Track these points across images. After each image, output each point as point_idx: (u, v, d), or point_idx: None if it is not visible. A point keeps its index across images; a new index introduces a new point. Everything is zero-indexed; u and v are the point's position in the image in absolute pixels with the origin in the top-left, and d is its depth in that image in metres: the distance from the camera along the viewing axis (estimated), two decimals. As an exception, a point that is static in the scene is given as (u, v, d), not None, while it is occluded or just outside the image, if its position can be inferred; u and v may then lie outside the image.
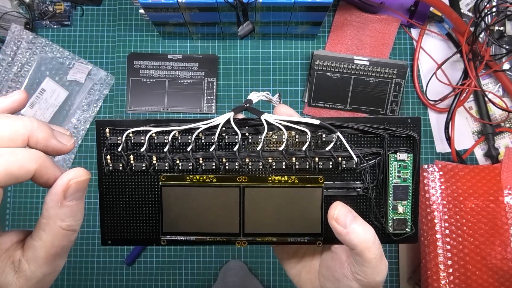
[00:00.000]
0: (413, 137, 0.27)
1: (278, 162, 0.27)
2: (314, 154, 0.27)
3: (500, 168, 0.50)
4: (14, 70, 0.58)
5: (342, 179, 0.27)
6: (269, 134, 0.27)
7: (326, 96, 0.58)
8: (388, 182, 0.27)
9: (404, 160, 0.27)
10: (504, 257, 0.48)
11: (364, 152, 0.27)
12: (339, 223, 0.25)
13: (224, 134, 0.27)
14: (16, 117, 0.20)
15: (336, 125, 0.27)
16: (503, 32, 0.55)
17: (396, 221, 0.27)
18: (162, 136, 0.26)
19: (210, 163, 0.27)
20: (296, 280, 0.31)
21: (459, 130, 0.58)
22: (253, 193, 0.27)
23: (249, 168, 0.27)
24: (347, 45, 0.59)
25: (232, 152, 0.27)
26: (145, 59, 0.60)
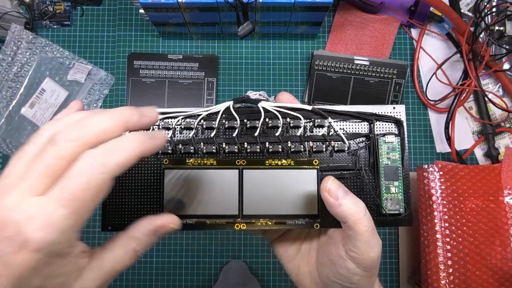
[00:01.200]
0: (400, 121, 0.29)
1: (275, 146, 0.28)
2: (308, 139, 0.29)
3: (500, 168, 0.50)
4: (14, 70, 0.58)
5: (336, 162, 0.29)
6: (266, 120, 0.28)
7: (326, 96, 0.58)
8: (379, 163, 0.29)
9: (392, 141, 0.29)
10: (504, 257, 0.48)
11: (355, 137, 0.29)
12: (331, 195, 0.26)
13: (224, 120, 0.28)
14: (112, 110, 0.22)
15: (328, 111, 0.28)
16: (503, 32, 0.55)
17: (389, 201, 0.29)
18: (166, 121, 0.28)
19: (211, 146, 0.28)
20: (294, 274, 0.31)
21: (459, 130, 0.58)
22: (252, 175, 0.28)
23: (247, 152, 0.28)
24: (347, 45, 0.59)
25: (232, 137, 0.28)
26: (145, 59, 0.60)
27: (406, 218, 0.29)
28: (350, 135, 0.29)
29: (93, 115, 0.22)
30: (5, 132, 0.58)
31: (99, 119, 0.21)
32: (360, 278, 0.27)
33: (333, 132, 0.29)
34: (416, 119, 0.59)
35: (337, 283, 0.28)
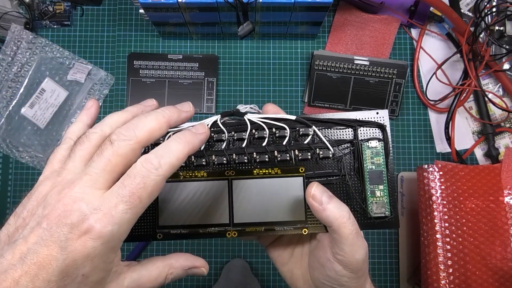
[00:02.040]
0: (382, 126, 0.29)
1: (262, 155, 0.29)
2: (293, 147, 0.29)
3: (500, 168, 0.50)
4: (14, 70, 0.58)
5: (322, 169, 0.30)
6: (252, 131, 0.29)
7: (326, 96, 0.58)
8: (364, 168, 0.29)
9: (375, 146, 0.30)
10: (504, 257, 0.48)
11: (339, 143, 0.30)
12: (315, 201, 0.27)
13: (212, 134, 0.29)
14: (156, 112, 0.24)
15: (312, 120, 0.29)
16: (503, 32, 0.55)
17: (375, 205, 0.29)
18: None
19: (201, 159, 0.29)
20: (289, 277, 0.32)
21: (459, 130, 0.58)
22: (241, 184, 0.29)
23: (236, 162, 0.29)
24: (347, 45, 0.59)
25: (220, 150, 0.29)
26: (145, 59, 0.60)
27: (392, 220, 0.30)
28: (334, 141, 0.30)
29: (141, 117, 0.24)
30: (5, 132, 0.58)
31: (147, 121, 0.23)
32: (348, 280, 0.27)
33: (318, 140, 0.30)
34: (416, 119, 0.59)
35: (327, 285, 0.29)
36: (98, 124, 0.25)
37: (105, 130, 0.24)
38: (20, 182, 0.59)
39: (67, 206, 0.21)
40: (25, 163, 0.59)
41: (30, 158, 0.58)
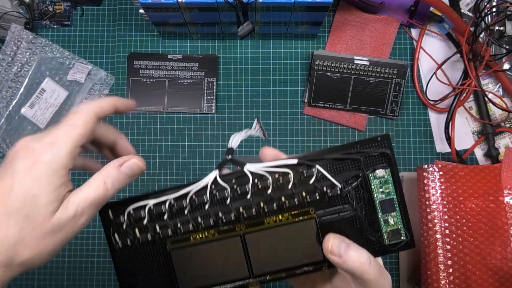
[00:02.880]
0: (386, 153, 0.29)
1: (269, 204, 0.28)
2: (300, 190, 0.29)
3: (500, 168, 0.50)
4: (14, 70, 0.58)
5: (332, 205, 0.29)
6: (255, 181, 0.28)
7: (326, 96, 0.58)
8: (374, 199, 0.29)
9: (383, 176, 0.29)
10: (504, 257, 0.48)
11: (346, 177, 0.29)
12: (334, 254, 0.27)
13: (214, 191, 0.28)
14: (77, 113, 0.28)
15: (314, 159, 0.29)
16: (503, 32, 0.55)
17: (390, 232, 0.29)
18: (159, 206, 0.28)
19: (208, 220, 0.28)
20: None
21: (459, 130, 0.58)
22: (254, 238, 0.29)
23: (244, 216, 0.29)
24: (347, 45, 0.59)
25: (226, 205, 0.28)
26: (145, 59, 0.60)
27: (408, 242, 0.29)
28: (340, 177, 0.29)
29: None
30: (5, 132, 0.58)
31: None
32: None
33: (322, 178, 0.29)
34: (416, 119, 0.59)
35: None
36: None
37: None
38: (20, 182, 0.59)
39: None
40: (25, 163, 0.59)
41: (30, 158, 0.58)
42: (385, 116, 0.59)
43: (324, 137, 0.59)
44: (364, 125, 0.59)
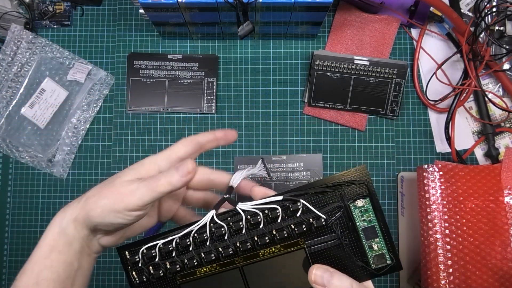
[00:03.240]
0: (362, 182, 0.31)
1: (262, 237, 0.32)
2: (289, 223, 0.32)
3: (500, 168, 0.50)
4: (14, 70, 0.58)
5: (319, 235, 0.32)
6: (248, 218, 0.32)
7: (326, 96, 0.58)
8: (357, 227, 0.31)
9: (362, 205, 0.31)
10: (504, 257, 0.48)
11: (329, 209, 0.31)
12: (318, 284, 0.29)
13: (213, 228, 0.32)
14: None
15: (297, 194, 0.31)
16: (503, 32, 0.55)
17: (375, 257, 0.31)
18: (167, 245, 0.32)
19: (210, 255, 0.32)
20: None
21: (459, 130, 0.58)
22: (251, 269, 0.32)
23: (240, 249, 0.32)
24: (347, 45, 0.59)
25: (224, 240, 0.32)
26: (145, 59, 0.60)
27: (395, 264, 0.31)
28: (324, 208, 0.31)
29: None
30: (5, 132, 0.58)
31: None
32: None
33: (308, 210, 0.32)
34: (416, 119, 0.59)
35: None
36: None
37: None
38: (20, 182, 0.59)
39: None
40: (25, 163, 0.59)
41: (30, 158, 0.58)
42: (385, 116, 0.59)
43: (324, 137, 0.59)
44: (364, 125, 0.59)
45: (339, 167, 0.59)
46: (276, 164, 0.58)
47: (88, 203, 0.31)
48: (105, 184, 0.31)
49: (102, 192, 0.31)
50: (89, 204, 0.30)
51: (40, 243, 0.31)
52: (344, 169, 0.59)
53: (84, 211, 0.30)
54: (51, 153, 0.58)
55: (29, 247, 0.58)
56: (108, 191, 0.30)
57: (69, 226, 0.31)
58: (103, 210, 0.30)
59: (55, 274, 0.30)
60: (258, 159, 0.58)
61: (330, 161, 0.59)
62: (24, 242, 0.58)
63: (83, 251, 0.32)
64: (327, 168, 0.59)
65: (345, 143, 0.59)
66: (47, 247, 0.30)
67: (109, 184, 0.31)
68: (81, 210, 0.31)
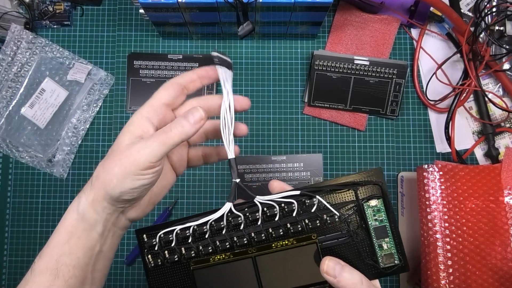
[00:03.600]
0: (378, 184, 0.32)
1: (277, 230, 0.32)
2: (303, 217, 0.32)
3: (500, 168, 0.50)
4: (14, 70, 0.58)
5: (332, 232, 0.33)
6: (264, 210, 0.32)
7: (326, 96, 0.58)
8: (369, 226, 0.32)
9: (375, 205, 0.32)
10: (504, 257, 0.48)
11: (343, 206, 0.32)
12: (329, 275, 0.30)
13: (230, 218, 0.33)
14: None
15: (314, 190, 0.32)
16: (503, 32, 0.55)
17: (384, 257, 0.32)
18: (184, 231, 0.33)
19: (225, 243, 0.33)
20: None
21: (459, 130, 0.58)
22: (263, 260, 0.33)
23: (255, 240, 0.32)
24: (347, 45, 0.59)
25: (240, 230, 0.33)
26: (145, 59, 0.60)
27: (403, 265, 0.32)
28: (338, 206, 0.32)
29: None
30: (5, 132, 0.58)
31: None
32: None
33: (323, 206, 0.32)
34: (416, 119, 0.59)
35: None
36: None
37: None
38: (20, 182, 0.59)
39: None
40: (25, 163, 0.59)
41: (30, 158, 0.58)
42: (385, 116, 0.59)
43: (324, 137, 0.59)
44: (364, 125, 0.59)
45: (339, 167, 0.59)
46: (276, 164, 0.58)
47: (99, 180, 0.30)
48: (108, 156, 0.30)
49: (108, 164, 0.29)
50: (101, 180, 0.29)
51: (59, 228, 0.30)
52: (344, 169, 0.59)
53: (99, 189, 0.29)
54: (51, 153, 0.58)
55: (29, 247, 0.58)
56: (115, 160, 0.29)
57: (87, 210, 0.30)
58: (118, 178, 0.29)
59: (74, 260, 0.30)
60: (258, 159, 0.58)
61: (330, 161, 0.59)
62: (24, 242, 0.58)
63: (106, 233, 0.31)
64: (327, 168, 0.59)
65: (345, 143, 0.59)
66: (65, 233, 0.30)
67: (112, 154, 0.30)
68: (96, 190, 0.30)
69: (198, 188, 0.59)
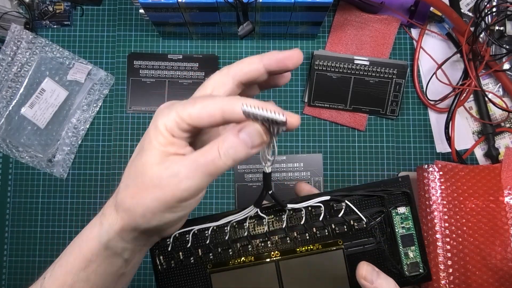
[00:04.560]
0: (407, 193, 0.32)
1: (302, 234, 0.31)
2: (330, 222, 0.31)
3: (500, 168, 0.50)
4: (14, 70, 0.58)
5: (358, 238, 0.32)
6: (290, 211, 0.31)
7: (326, 96, 0.58)
8: (396, 233, 0.32)
9: (404, 213, 0.32)
10: (504, 257, 0.48)
11: (371, 212, 0.32)
12: (367, 281, 0.29)
13: (253, 219, 0.31)
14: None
15: (342, 195, 0.31)
16: (503, 32, 0.55)
17: (410, 265, 0.32)
18: (203, 231, 0.31)
19: (246, 246, 0.31)
20: None
21: (459, 130, 0.58)
22: (287, 264, 0.31)
23: (279, 244, 0.31)
24: (347, 45, 0.59)
25: (263, 233, 0.31)
26: (145, 59, 0.60)
27: (426, 274, 0.32)
28: (366, 212, 0.32)
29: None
30: (5, 132, 0.58)
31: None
32: None
33: (350, 212, 0.32)
34: (416, 119, 0.59)
35: None
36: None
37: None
38: (20, 182, 0.59)
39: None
40: (25, 163, 0.59)
41: (30, 158, 0.58)
42: (385, 116, 0.59)
43: (324, 137, 0.59)
44: (364, 125, 0.59)
45: (339, 167, 0.59)
46: (276, 164, 0.58)
47: (128, 211, 0.25)
48: (133, 180, 0.25)
49: (137, 193, 0.25)
50: (130, 212, 0.25)
51: (74, 250, 0.27)
52: (344, 169, 0.59)
53: (128, 220, 0.25)
54: (51, 153, 0.58)
55: (29, 247, 0.58)
56: (147, 192, 0.24)
57: (113, 239, 0.26)
58: (154, 212, 0.24)
59: (92, 286, 0.27)
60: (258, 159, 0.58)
61: (330, 161, 0.59)
62: (24, 242, 0.58)
63: (133, 257, 0.28)
64: (327, 168, 0.59)
65: (345, 143, 0.59)
66: (83, 259, 0.26)
67: (138, 180, 0.25)
68: (124, 220, 0.25)
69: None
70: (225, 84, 0.27)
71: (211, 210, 0.57)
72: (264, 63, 0.27)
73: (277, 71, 0.27)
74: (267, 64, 0.27)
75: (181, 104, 0.25)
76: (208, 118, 0.24)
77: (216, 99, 0.24)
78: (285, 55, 0.26)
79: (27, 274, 0.57)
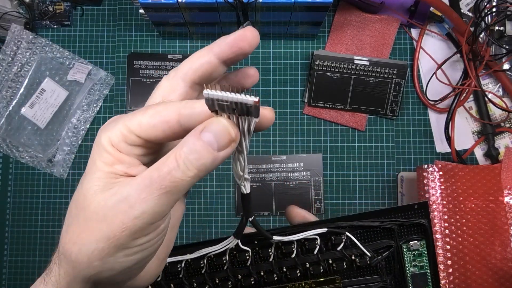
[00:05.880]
0: (423, 225, 0.26)
1: (292, 270, 0.26)
2: (327, 256, 0.27)
3: (500, 168, 0.50)
4: (14, 70, 0.58)
5: (360, 275, 0.27)
6: (279, 244, 0.26)
7: (326, 96, 0.58)
8: (405, 272, 0.27)
9: (417, 248, 0.27)
10: (504, 257, 0.48)
11: (376, 246, 0.26)
12: None
13: (234, 252, 0.26)
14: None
15: (343, 226, 0.26)
16: (503, 32, 0.55)
17: None
18: (175, 266, 0.26)
19: (226, 282, 0.26)
20: None
21: (459, 130, 0.58)
22: None
23: (264, 280, 0.26)
24: (347, 45, 0.59)
25: (246, 267, 0.26)
26: (145, 59, 0.60)
27: None
28: (371, 245, 0.27)
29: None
30: (5, 132, 0.58)
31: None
32: None
33: (351, 245, 0.27)
34: (416, 119, 0.59)
35: None
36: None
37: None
38: (20, 182, 0.59)
39: None
40: (25, 163, 0.59)
41: (30, 158, 0.58)
42: (385, 116, 0.59)
43: (324, 137, 0.59)
44: (364, 125, 0.59)
45: (339, 167, 0.59)
46: (276, 164, 0.58)
47: (69, 259, 0.19)
48: (73, 215, 0.20)
49: (78, 233, 0.19)
50: (72, 259, 0.19)
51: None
52: (344, 169, 0.59)
53: (74, 273, 0.19)
54: (51, 153, 0.58)
55: (29, 247, 0.58)
56: (88, 228, 0.19)
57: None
58: (100, 258, 0.18)
59: None
60: (258, 159, 0.58)
61: (330, 161, 0.59)
62: (24, 242, 0.58)
63: None
64: (327, 168, 0.59)
65: (345, 143, 0.59)
66: None
67: (79, 213, 0.20)
68: (69, 275, 0.19)
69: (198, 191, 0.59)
70: (175, 89, 0.23)
71: (211, 210, 0.57)
72: (215, 52, 0.23)
73: (233, 58, 0.23)
74: (218, 53, 0.23)
75: (129, 114, 0.21)
76: (162, 126, 0.19)
77: (171, 103, 0.20)
78: (236, 36, 0.23)
79: (27, 274, 0.57)
